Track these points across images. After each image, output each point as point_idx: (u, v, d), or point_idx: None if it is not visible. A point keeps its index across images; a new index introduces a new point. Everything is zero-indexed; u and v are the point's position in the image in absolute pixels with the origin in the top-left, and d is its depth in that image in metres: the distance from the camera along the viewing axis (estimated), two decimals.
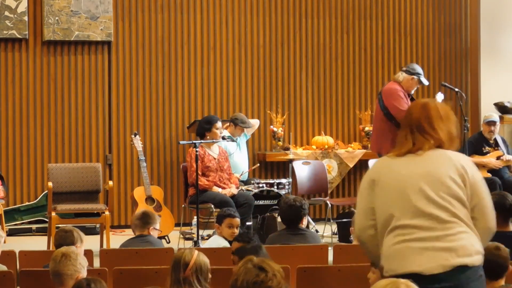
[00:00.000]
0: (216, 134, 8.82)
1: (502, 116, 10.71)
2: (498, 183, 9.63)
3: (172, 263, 4.47)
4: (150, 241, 6.29)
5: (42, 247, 8.33)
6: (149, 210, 7.06)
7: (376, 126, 8.69)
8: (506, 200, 5.57)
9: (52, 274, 4.51)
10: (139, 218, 6.45)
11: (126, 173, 10.33)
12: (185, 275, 4.37)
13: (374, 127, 8.79)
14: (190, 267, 4.38)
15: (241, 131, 9.58)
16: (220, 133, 8.88)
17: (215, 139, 8.79)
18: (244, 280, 3.44)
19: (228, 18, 10.68)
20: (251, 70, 10.74)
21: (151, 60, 10.43)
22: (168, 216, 9.08)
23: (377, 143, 8.57)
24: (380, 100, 8.55)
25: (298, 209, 6.36)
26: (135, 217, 6.52)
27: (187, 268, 4.38)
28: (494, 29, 11.21)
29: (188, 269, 4.38)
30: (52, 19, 9.97)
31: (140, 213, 6.55)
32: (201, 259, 4.45)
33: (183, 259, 4.41)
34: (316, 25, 10.96)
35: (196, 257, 4.42)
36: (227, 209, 6.80)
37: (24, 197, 10.07)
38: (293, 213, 6.38)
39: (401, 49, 11.24)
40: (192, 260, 4.40)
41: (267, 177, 10.57)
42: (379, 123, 8.56)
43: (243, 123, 9.54)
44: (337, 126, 11.03)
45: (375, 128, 8.75)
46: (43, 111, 10.12)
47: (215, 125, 8.84)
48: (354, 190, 11.00)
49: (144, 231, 6.38)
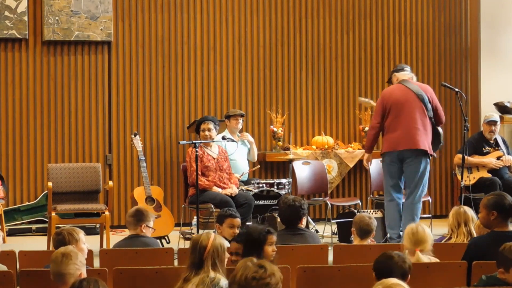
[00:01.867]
0: (201, 135, 8.87)
1: (502, 116, 10.71)
2: (498, 183, 9.64)
3: (190, 246, 4.69)
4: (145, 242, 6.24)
5: (42, 247, 8.33)
6: (143, 207, 7.01)
7: (423, 124, 8.37)
8: (505, 200, 5.57)
9: (54, 275, 4.51)
10: (132, 215, 6.41)
11: (126, 173, 10.34)
12: (203, 258, 4.58)
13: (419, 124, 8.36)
14: (208, 250, 4.59)
15: (236, 122, 9.55)
16: (205, 134, 8.85)
17: (203, 139, 8.79)
18: (243, 274, 3.46)
19: (228, 18, 10.68)
20: (251, 70, 10.74)
21: (151, 60, 10.43)
22: (168, 216, 9.07)
23: (427, 142, 8.35)
24: (426, 99, 8.35)
25: (298, 209, 6.36)
26: (129, 214, 6.48)
27: (204, 251, 4.59)
28: (494, 29, 11.20)
29: (206, 252, 4.59)
30: (52, 19, 9.97)
31: (134, 210, 6.50)
32: (218, 241, 4.65)
33: (201, 243, 4.63)
34: (316, 25, 10.96)
35: (212, 241, 4.63)
36: (228, 209, 6.79)
37: (24, 197, 10.07)
38: (293, 213, 6.37)
39: (401, 49, 11.24)
40: (209, 243, 4.61)
41: (267, 177, 10.58)
42: (424, 120, 8.37)
43: (232, 112, 9.60)
44: (337, 126, 11.03)
45: (420, 125, 8.36)
46: (43, 111, 10.12)
47: (200, 126, 8.89)
48: (354, 190, 11.01)
49: (137, 229, 6.34)
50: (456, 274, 5.18)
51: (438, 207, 11.16)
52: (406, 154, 8.38)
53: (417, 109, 8.37)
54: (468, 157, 9.32)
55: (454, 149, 11.19)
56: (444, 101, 11.28)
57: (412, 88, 8.44)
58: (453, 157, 10.72)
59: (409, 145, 8.36)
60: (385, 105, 8.46)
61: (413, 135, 8.37)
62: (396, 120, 8.40)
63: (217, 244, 4.65)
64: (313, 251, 5.97)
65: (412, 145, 8.37)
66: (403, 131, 8.41)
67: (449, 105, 11.25)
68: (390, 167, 8.49)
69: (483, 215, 5.55)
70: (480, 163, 9.87)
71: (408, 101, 8.39)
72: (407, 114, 8.38)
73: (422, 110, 8.36)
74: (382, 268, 4.45)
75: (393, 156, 8.44)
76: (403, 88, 8.47)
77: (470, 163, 9.60)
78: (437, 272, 5.18)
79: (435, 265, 5.26)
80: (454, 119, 11.32)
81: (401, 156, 8.40)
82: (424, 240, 5.38)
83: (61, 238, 5.36)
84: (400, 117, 8.39)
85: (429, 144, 8.41)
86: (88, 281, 3.98)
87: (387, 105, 8.45)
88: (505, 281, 4.59)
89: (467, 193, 9.18)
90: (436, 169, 11.27)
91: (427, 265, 5.21)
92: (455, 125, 11.34)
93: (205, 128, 8.89)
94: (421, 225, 5.51)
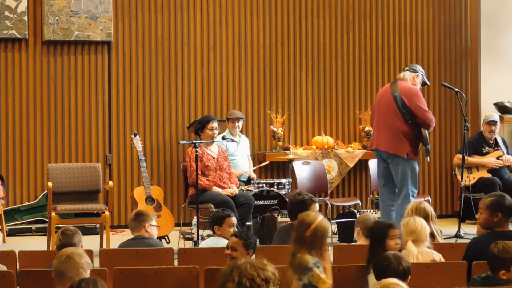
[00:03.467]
0: (208, 135, 8.85)
1: (502, 116, 10.71)
2: (498, 183, 9.64)
3: (297, 222, 4.92)
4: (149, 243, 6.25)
5: (42, 247, 8.33)
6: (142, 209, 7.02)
7: (389, 124, 8.25)
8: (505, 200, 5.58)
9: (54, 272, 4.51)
10: (133, 219, 6.42)
11: (126, 173, 10.34)
12: (305, 235, 4.75)
13: (386, 125, 8.29)
14: (311, 229, 4.75)
15: (232, 125, 9.58)
16: (213, 133, 8.87)
17: (207, 139, 8.79)
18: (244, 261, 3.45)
19: (228, 18, 10.68)
20: (251, 70, 10.74)
21: (151, 60, 10.43)
22: (168, 216, 9.07)
23: (392, 143, 8.23)
24: (399, 99, 8.21)
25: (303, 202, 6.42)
26: (130, 219, 6.49)
27: (308, 229, 4.76)
28: (494, 29, 11.20)
29: (309, 230, 4.76)
30: (52, 19, 9.97)
31: (133, 214, 6.52)
32: (323, 224, 4.81)
33: (306, 220, 4.84)
34: (316, 25, 10.96)
35: (318, 222, 4.80)
36: (223, 210, 6.80)
37: (24, 197, 10.07)
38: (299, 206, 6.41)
39: (401, 49, 11.24)
40: (314, 223, 4.78)
41: (267, 177, 10.57)
42: (395, 122, 8.22)
43: (230, 115, 9.65)
44: (337, 126, 11.03)
45: (387, 127, 8.28)
46: (43, 111, 10.12)
47: (207, 125, 8.87)
48: (354, 190, 11.01)
49: (141, 230, 6.35)
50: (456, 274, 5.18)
51: (438, 207, 11.15)
52: (383, 154, 8.39)
53: (390, 110, 8.27)
54: (468, 157, 9.32)
55: (454, 149, 11.19)
56: (444, 101, 11.29)
57: (392, 89, 8.37)
58: (453, 157, 10.72)
59: (377, 145, 8.41)
60: (374, 104, 8.70)
61: (378, 136, 8.39)
62: (374, 120, 8.53)
63: (322, 226, 4.79)
64: None
65: (377, 145, 8.41)
66: (374, 131, 8.55)
67: (449, 105, 11.25)
68: (378, 166, 8.59)
69: (485, 216, 5.53)
70: (479, 163, 9.87)
71: (383, 102, 8.38)
72: (380, 114, 8.40)
73: (395, 112, 8.23)
74: (378, 269, 4.53)
75: (377, 155, 8.51)
76: (387, 88, 8.51)
77: (470, 163, 9.60)
78: (437, 272, 5.18)
79: (435, 265, 5.26)
80: (454, 119, 11.32)
81: (383, 156, 8.41)
82: (414, 229, 5.42)
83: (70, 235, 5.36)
84: (375, 117, 8.48)
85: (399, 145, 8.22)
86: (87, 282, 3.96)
87: (375, 105, 8.63)
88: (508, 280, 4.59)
89: (467, 193, 9.19)
90: (436, 169, 11.27)
91: (427, 265, 5.21)
92: (455, 125, 11.34)
93: (213, 127, 8.90)
94: (414, 217, 5.56)
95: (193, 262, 5.34)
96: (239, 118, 9.64)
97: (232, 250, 5.49)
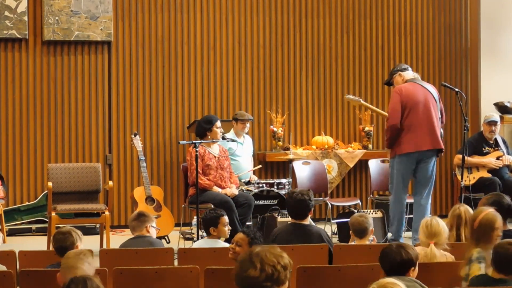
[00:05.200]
0: (216, 133, 8.84)
1: (502, 116, 10.71)
2: (498, 183, 9.64)
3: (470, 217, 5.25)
4: (150, 242, 6.27)
5: (42, 247, 8.33)
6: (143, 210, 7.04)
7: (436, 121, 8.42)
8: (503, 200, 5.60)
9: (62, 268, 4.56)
10: (135, 219, 6.44)
11: (126, 173, 10.34)
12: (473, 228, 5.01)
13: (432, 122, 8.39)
14: (477, 221, 4.99)
15: (242, 126, 9.60)
16: (221, 132, 8.89)
17: (215, 138, 8.80)
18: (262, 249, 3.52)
19: (228, 18, 10.68)
20: (251, 70, 10.75)
21: (151, 60, 10.43)
22: (168, 216, 9.08)
23: (438, 139, 8.42)
24: (437, 97, 8.49)
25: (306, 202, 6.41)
26: (131, 219, 6.51)
27: (474, 222, 5.03)
28: (494, 29, 11.20)
29: (475, 223, 5.00)
30: (52, 19, 9.97)
31: (135, 214, 6.55)
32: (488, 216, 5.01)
33: (475, 213, 5.11)
34: (316, 25, 10.96)
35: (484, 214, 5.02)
36: (215, 210, 6.81)
37: (24, 197, 10.07)
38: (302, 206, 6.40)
39: (401, 49, 11.24)
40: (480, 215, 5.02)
41: (267, 177, 10.58)
42: (437, 118, 8.45)
43: (241, 116, 9.60)
44: (337, 126, 11.03)
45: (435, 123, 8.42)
46: (43, 111, 10.12)
47: (215, 124, 8.85)
48: (354, 190, 11.01)
49: (143, 230, 6.37)
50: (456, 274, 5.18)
51: (438, 207, 11.16)
52: (426, 154, 8.40)
53: (434, 108, 8.43)
54: (468, 157, 9.32)
55: (454, 149, 11.19)
56: (444, 101, 11.25)
57: (427, 87, 8.49)
58: (453, 157, 10.72)
59: (433, 145, 8.40)
60: (405, 103, 8.35)
61: (436, 135, 8.43)
62: (417, 119, 8.34)
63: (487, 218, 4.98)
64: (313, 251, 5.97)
65: (437, 144, 8.44)
66: (426, 131, 8.37)
67: (449, 105, 11.24)
68: (407, 168, 8.44)
69: None
70: (479, 163, 9.87)
71: (427, 100, 8.40)
72: (428, 113, 8.37)
73: (436, 109, 8.44)
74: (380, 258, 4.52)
75: (413, 157, 8.40)
76: (419, 87, 8.46)
77: (470, 163, 9.60)
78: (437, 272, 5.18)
79: (435, 265, 5.26)
80: (454, 119, 11.32)
81: (421, 156, 8.40)
82: (438, 233, 5.42)
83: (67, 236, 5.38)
84: (421, 116, 8.35)
85: (440, 140, 8.52)
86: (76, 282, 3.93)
87: (407, 103, 8.35)
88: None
89: (467, 193, 9.18)
90: (436, 169, 11.26)
91: (427, 265, 5.21)
92: (455, 125, 11.34)
93: (219, 125, 8.90)
94: (435, 218, 5.53)
95: (193, 262, 5.34)
96: (250, 119, 9.66)
97: (236, 245, 5.55)
